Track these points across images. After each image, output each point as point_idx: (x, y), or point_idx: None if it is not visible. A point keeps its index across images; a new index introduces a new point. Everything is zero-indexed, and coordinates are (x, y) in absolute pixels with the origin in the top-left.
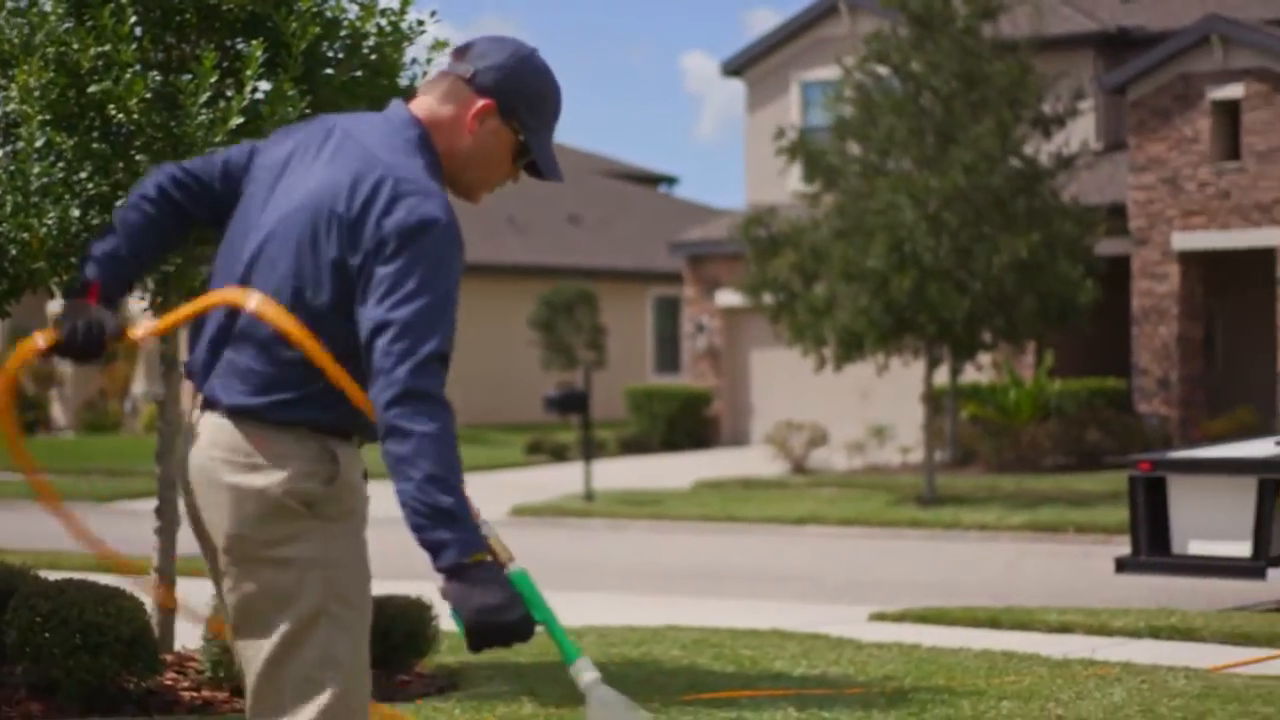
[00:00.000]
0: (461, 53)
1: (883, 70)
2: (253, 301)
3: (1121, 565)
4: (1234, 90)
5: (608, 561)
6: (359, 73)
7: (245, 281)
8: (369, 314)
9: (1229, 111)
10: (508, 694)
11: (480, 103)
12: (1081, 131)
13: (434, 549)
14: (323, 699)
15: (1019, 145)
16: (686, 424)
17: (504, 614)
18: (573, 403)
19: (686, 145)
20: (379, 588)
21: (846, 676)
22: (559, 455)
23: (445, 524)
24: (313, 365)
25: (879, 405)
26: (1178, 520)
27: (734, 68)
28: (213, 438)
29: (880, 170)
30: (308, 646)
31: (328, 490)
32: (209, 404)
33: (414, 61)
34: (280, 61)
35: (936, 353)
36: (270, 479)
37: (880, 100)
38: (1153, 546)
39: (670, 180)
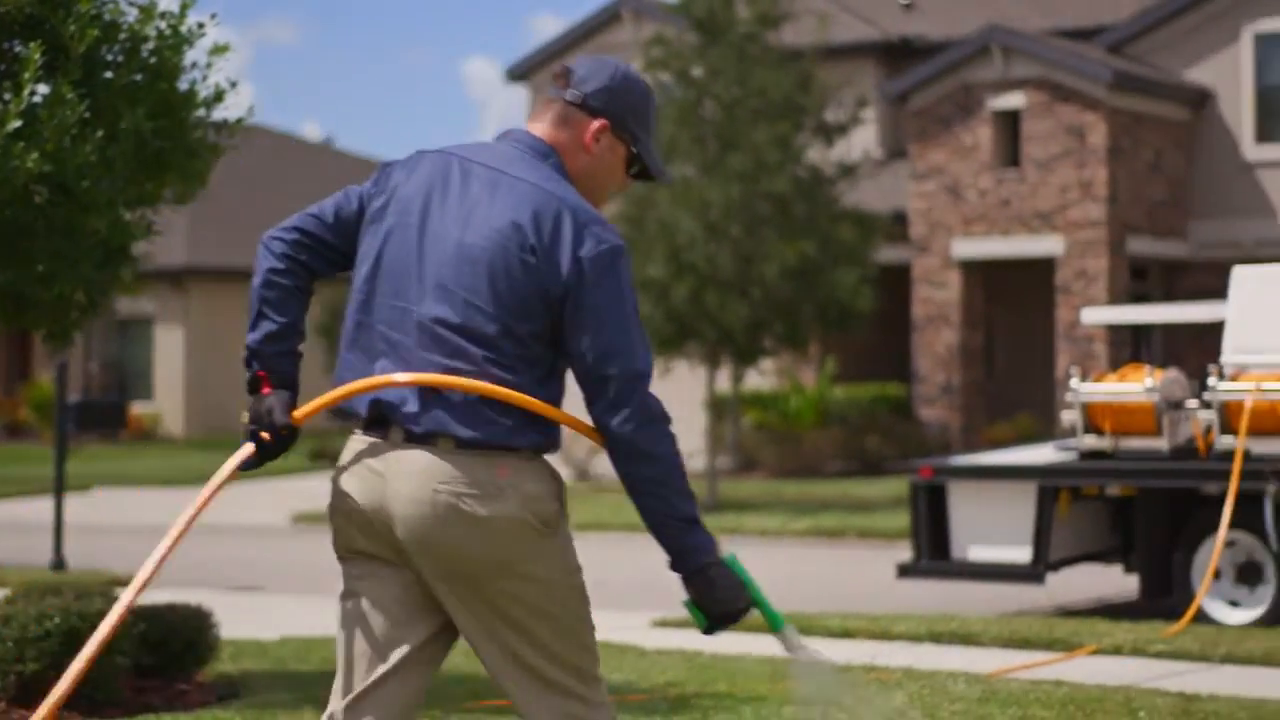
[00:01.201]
0: (564, 78)
1: (665, 77)
2: (402, 378)
3: (903, 571)
4: (1014, 99)
5: None
6: (139, 76)
7: (423, 309)
8: (589, 344)
9: (1009, 120)
10: (289, 702)
11: (596, 123)
12: (863, 140)
13: (684, 554)
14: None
15: (800, 153)
16: None
17: (736, 602)
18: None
19: None
20: (159, 595)
21: (629, 683)
22: None
23: (693, 532)
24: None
25: None
26: (958, 526)
27: (518, 73)
28: (441, 471)
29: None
30: (569, 652)
31: (559, 507)
32: (419, 439)
33: (194, 65)
34: (59, 65)
35: (718, 360)
36: (511, 503)
37: (662, 107)
38: (934, 552)
39: None
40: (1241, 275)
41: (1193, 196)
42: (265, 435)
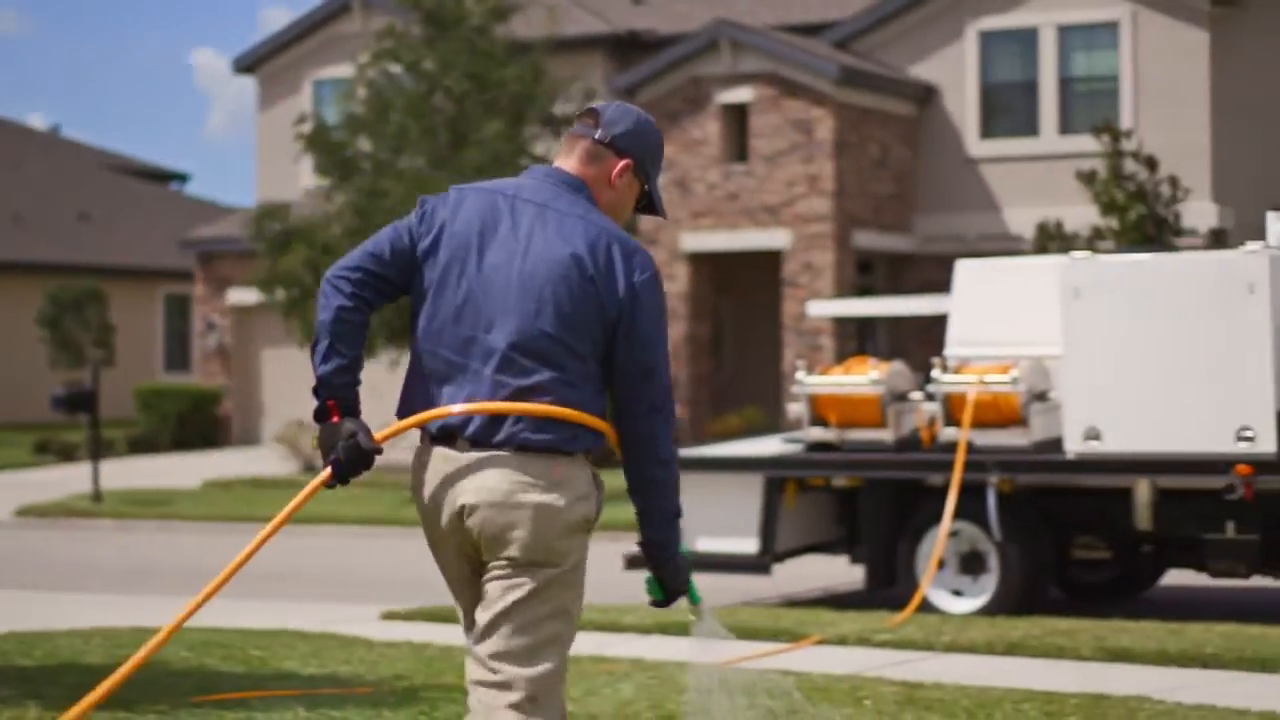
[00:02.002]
0: (591, 119)
1: (396, 68)
2: (457, 406)
3: (630, 562)
4: (742, 94)
5: (115, 563)
6: None
7: (491, 336)
8: (636, 359)
9: (737, 115)
10: (13, 698)
11: (621, 162)
12: None
13: (667, 543)
14: (553, 667)
15: (529, 146)
16: (197, 423)
17: (686, 582)
18: (80, 401)
19: (198, 142)
20: None
21: (357, 676)
22: (67, 455)
23: (675, 526)
24: (583, 406)
25: (391, 403)
26: (686, 517)
27: (245, 65)
28: (506, 468)
29: (393, 168)
30: (553, 632)
31: (596, 509)
32: (484, 446)
33: None
34: None
35: None
36: (562, 498)
37: (393, 98)
38: None
39: (181, 177)
40: (965, 269)
41: (918, 191)
42: (343, 458)
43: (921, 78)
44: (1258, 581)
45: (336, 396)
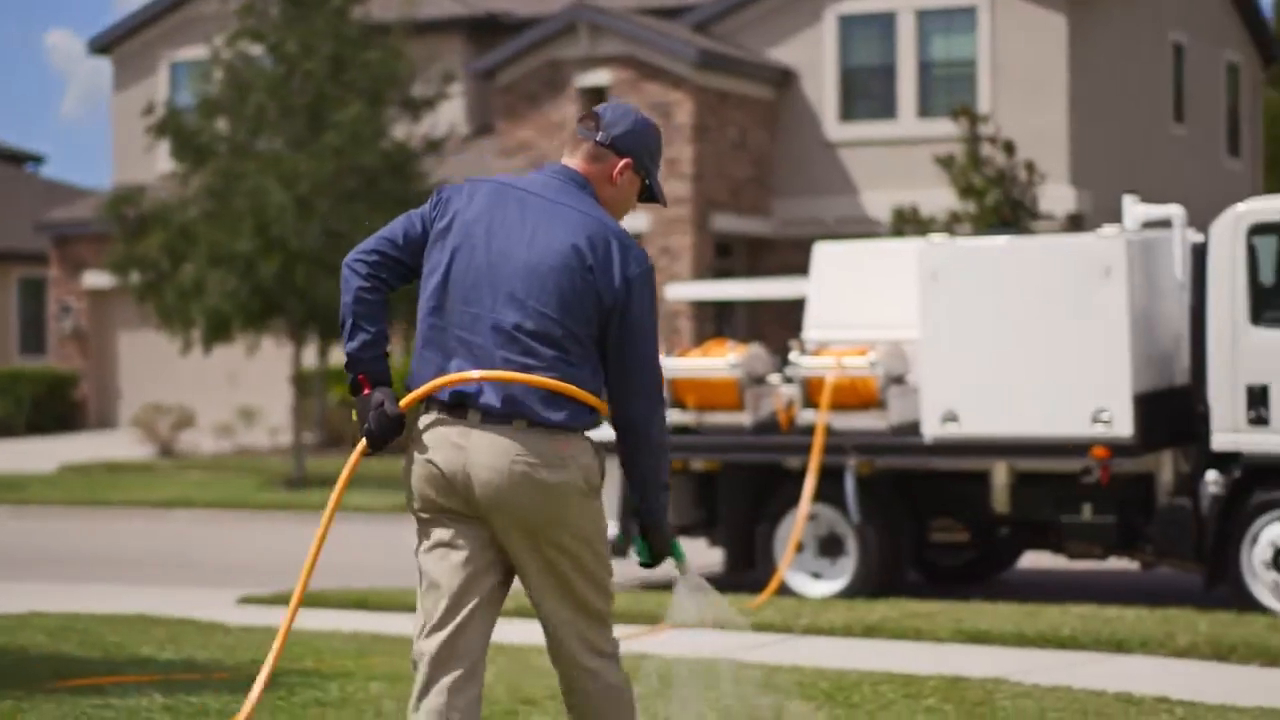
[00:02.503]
0: (592, 122)
1: (255, 49)
2: (476, 375)
3: None
4: (601, 76)
5: None
6: None
7: (498, 316)
8: (629, 344)
9: (596, 97)
10: None
11: (621, 161)
12: (451, 115)
13: (656, 509)
14: (611, 635)
15: (388, 128)
16: (52, 407)
17: (669, 543)
18: None
19: (53, 124)
20: None
21: (215, 661)
22: None
23: (664, 494)
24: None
25: (248, 387)
26: None
27: (101, 45)
28: (515, 446)
29: (250, 151)
30: (599, 594)
31: (601, 476)
32: (495, 420)
33: None
34: None
35: (304, 335)
36: (570, 472)
37: (251, 79)
38: None
39: (36, 159)
40: (823, 252)
41: (777, 174)
42: (374, 426)
43: (780, 61)
44: (1114, 563)
45: (366, 370)
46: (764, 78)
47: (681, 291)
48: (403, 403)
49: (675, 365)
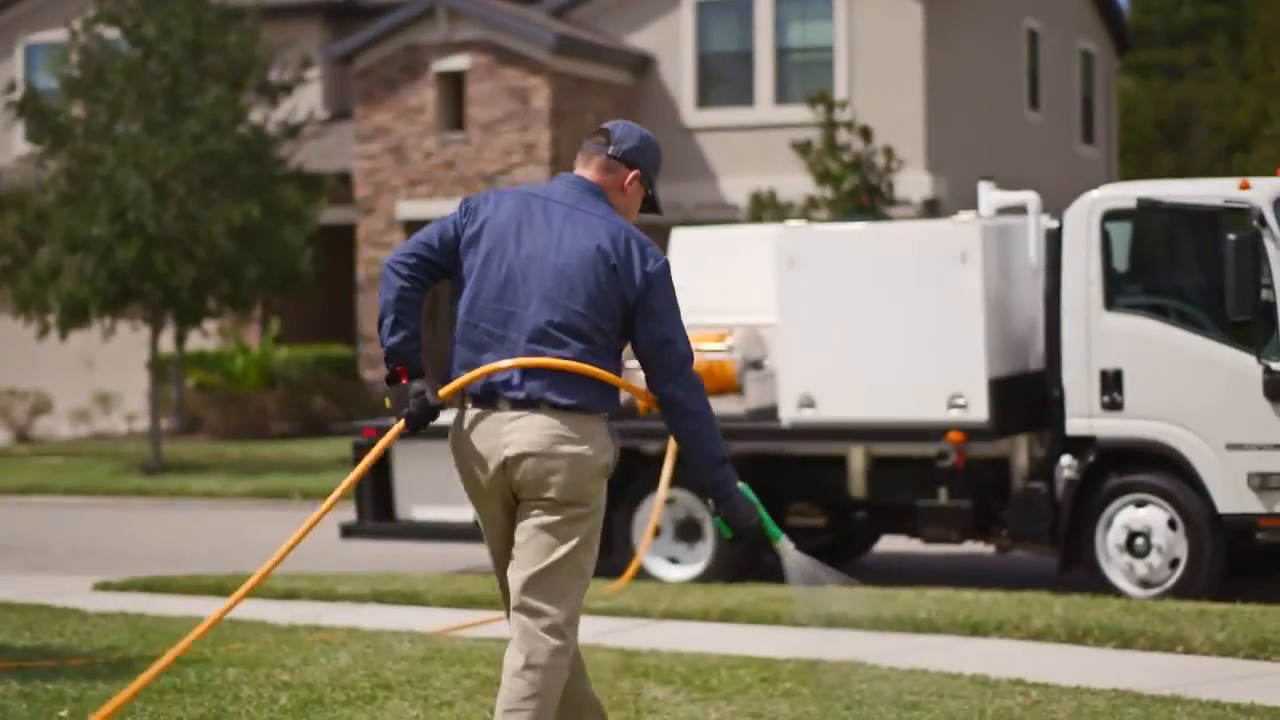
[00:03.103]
0: (603, 137)
1: (112, 33)
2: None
3: (347, 531)
4: (459, 62)
5: None
6: None
7: (531, 313)
8: (654, 333)
9: (454, 83)
10: None
11: (631, 173)
12: (309, 100)
13: (716, 485)
14: (578, 593)
15: (245, 113)
16: None
17: (751, 518)
18: None
19: None
20: None
21: (70, 647)
22: None
23: (722, 469)
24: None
25: (105, 373)
26: (402, 486)
27: None
28: (546, 424)
29: (108, 135)
30: (581, 562)
31: (614, 459)
32: (525, 406)
33: None
34: None
35: (162, 320)
36: (591, 449)
37: (108, 63)
38: (378, 512)
39: None
40: (681, 238)
41: None
42: (415, 412)
43: (638, 47)
44: (970, 547)
45: (405, 362)
46: (622, 63)
47: None
48: (442, 392)
49: None
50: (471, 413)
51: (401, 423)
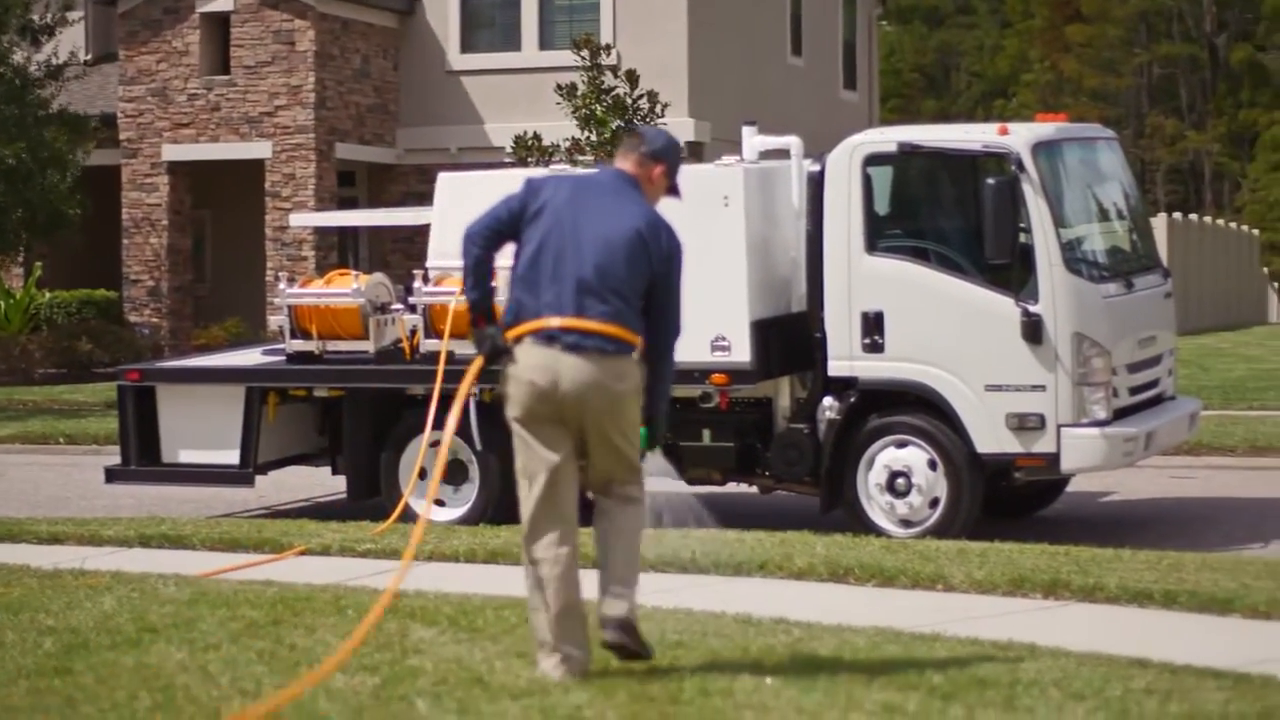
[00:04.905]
0: (637, 137)
1: None
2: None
3: (111, 475)
4: (224, 3)
5: None
6: None
7: (582, 273)
8: (666, 300)
9: (219, 25)
10: None
11: (659, 168)
12: (72, 41)
13: (661, 409)
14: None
15: (7, 54)
16: None
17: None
18: None
19: None
20: None
21: None
22: None
23: (667, 398)
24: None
25: None
26: (167, 429)
27: None
28: (595, 362)
29: None
30: (635, 453)
31: (642, 389)
32: (573, 349)
33: None
34: None
35: None
36: (630, 382)
37: None
38: (143, 456)
39: None
40: (446, 181)
41: (400, 103)
42: (490, 351)
43: None
44: (733, 488)
45: (482, 312)
46: (387, 6)
47: (304, 220)
48: (508, 334)
49: (298, 294)
50: (533, 348)
51: (481, 359)
